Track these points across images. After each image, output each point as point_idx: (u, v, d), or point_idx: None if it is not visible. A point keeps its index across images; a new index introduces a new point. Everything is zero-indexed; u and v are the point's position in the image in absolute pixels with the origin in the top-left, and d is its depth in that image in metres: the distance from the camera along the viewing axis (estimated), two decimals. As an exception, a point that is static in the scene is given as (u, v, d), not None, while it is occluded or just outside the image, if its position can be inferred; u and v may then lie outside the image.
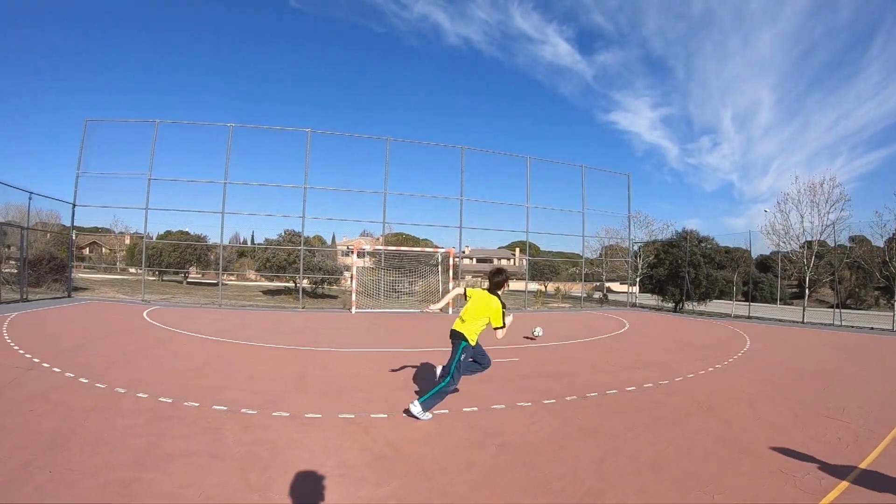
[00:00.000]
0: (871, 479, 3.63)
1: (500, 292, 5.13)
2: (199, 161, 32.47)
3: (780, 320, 20.86)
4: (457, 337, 4.96)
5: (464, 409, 5.16)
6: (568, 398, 5.84)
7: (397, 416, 4.83)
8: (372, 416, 4.80)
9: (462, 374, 4.97)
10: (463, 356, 4.90)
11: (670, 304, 25.43)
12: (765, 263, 39.74)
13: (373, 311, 18.27)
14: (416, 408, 4.72)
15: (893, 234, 19.55)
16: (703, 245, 25.65)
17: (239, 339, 9.49)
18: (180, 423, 4.26)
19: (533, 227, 23.38)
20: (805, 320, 19.68)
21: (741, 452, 4.14)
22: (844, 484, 3.54)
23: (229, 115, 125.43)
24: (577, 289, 38.46)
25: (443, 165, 25.28)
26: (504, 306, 5.01)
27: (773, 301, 38.29)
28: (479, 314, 4.94)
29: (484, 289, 5.21)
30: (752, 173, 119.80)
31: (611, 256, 30.62)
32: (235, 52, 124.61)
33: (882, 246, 20.31)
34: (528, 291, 26.87)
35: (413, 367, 7.38)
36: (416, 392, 5.80)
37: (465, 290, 5.28)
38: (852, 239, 24.81)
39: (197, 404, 4.84)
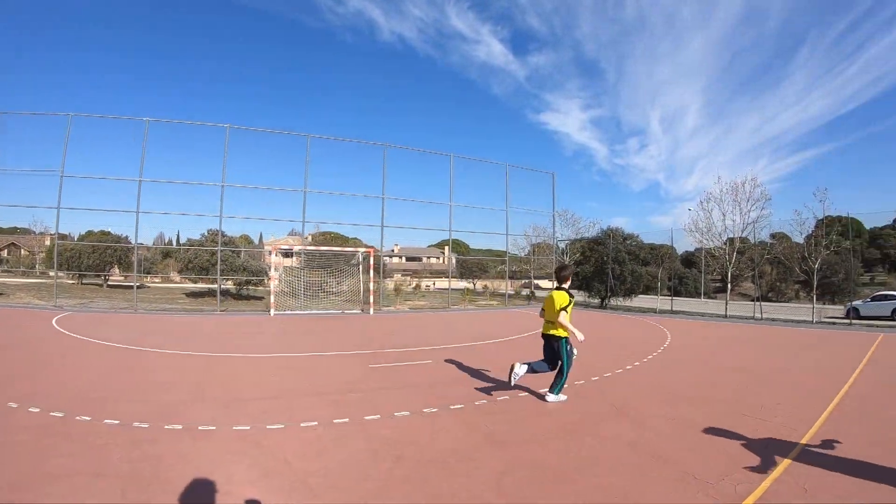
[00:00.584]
0: (791, 485, 3.50)
1: (566, 285, 6.06)
2: (118, 157, 30.86)
3: (703, 314, 21.83)
4: (552, 339, 5.86)
5: (365, 418, 4.99)
6: (478, 402, 5.69)
7: (295, 427, 4.67)
8: (268, 427, 4.63)
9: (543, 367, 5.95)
10: (568, 347, 5.83)
11: (597, 301, 26.20)
12: (689, 259, 42.09)
13: (293, 313, 18.05)
14: (551, 397, 5.86)
15: (812, 232, 20.91)
16: (627, 242, 26.74)
17: (146, 347, 9.16)
18: (68, 440, 4.09)
19: (462, 226, 23.97)
20: (728, 314, 20.61)
21: (653, 459, 3.99)
22: (762, 488, 3.42)
23: (148, 110, 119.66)
24: (507, 286, 40.31)
25: (369, 163, 25.47)
26: (571, 296, 5.87)
27: (698, 295, 40.16)
28: (553, 310, 5.75)
29: (553, 289, 6.13)
30: (677, 173, 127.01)
31: (538, 254, 31.35)
32: (155, 44, 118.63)
33: (801, 242, 22.00)
34: (456, 289, 27.15)
35: (322, 372, 7.33)
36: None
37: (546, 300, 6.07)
38: (773, 236, 26.61)
39: (89, 418, 4.64)
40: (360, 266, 20.81)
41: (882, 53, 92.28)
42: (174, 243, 48.09)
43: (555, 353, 5.87)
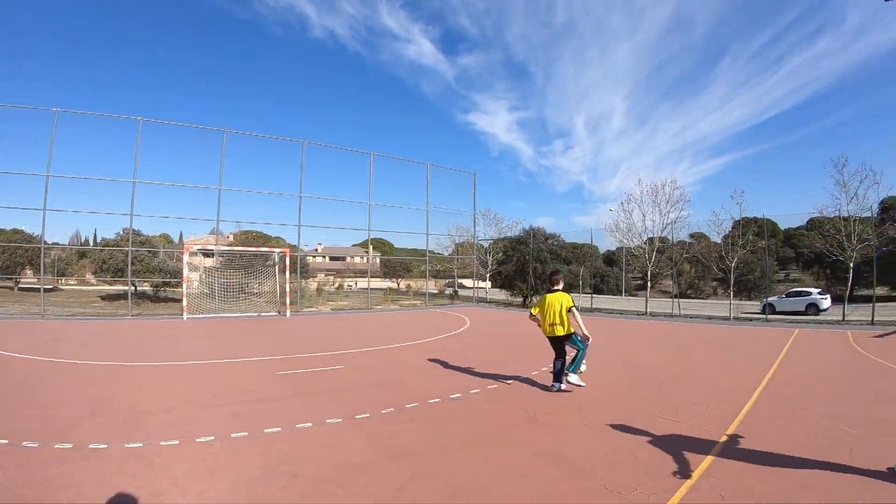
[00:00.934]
0: (707, 493, 3.40)
1: (558, 287, 6.83)
2: (26, 151, 28.76)
3: (624, 312, 22.41)
4: (562, 339, 6.58)
5: (265, 431, 4.73)
6: (384, 411, 5.44)
7: (190, 442, 4.42)
8: (162, 443, 4.38)
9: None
10: (578, 338, 6.59)
11: (519, 300, 26.58)
12: (611, 258, 43.76)
13: (207, 316, 17.47)
14: (573, 377, 6.45)
15: (729, 232, 21.92)
16: (549, 241, 27.40)
17: (50, 357, 8.65)
18: (-46, 464, 3.70)
19: (387, 225, 24.21)
20: (648, 311, 21.25)
21: (565, 469, 3.84)
22: (677, 497, 3.32)
23: (57, 101, 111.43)
24: (428, 286, 40.84)
25: (288, 161, 24.93)
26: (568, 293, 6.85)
27: (620, 292, 42.00)
28: (561, 311, 6.54)
29: (546, 292, 6.89)
30: (601, 175, 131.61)
31: (462, 253, 31.70)
32: (63, 30, 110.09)
33: (719, 242, 22.99)
34: (379, 289, 27.52)
35: (227, 380, 7.10)
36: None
37: (541, 303, 6.82)
38: (692, 236, 27.72)
39: (-23, 439, 4.22)
40: (277, 266, 20.56)
41: (801, 66, 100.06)
42: (91, 243, 45.41)
43: (564, 349, 6.63)
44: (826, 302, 24.59)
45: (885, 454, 4.05)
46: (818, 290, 26.57)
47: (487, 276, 32.40)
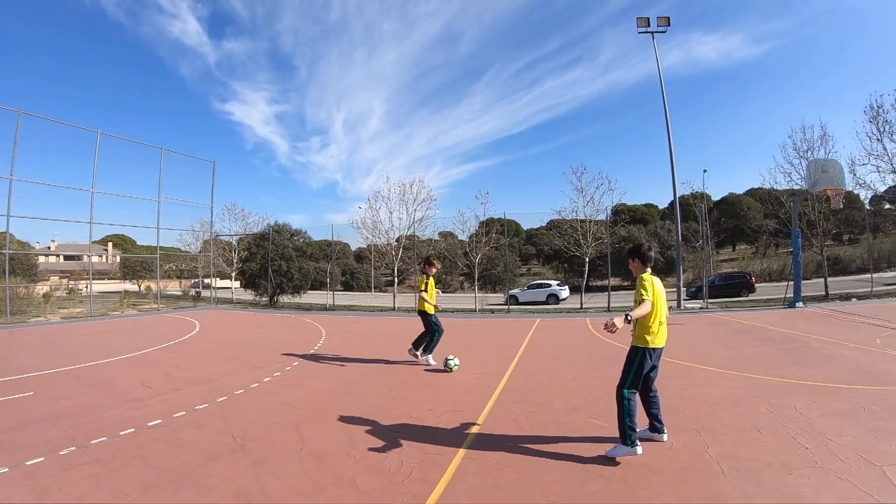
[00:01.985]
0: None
1: (430, 273, 8.30)
2: None
3: (373, 308, 22.34)
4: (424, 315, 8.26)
5: None
6: (64, 452, 4.41)
7: None
8: None
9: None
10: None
11: (266, 299, 25.64)
12: (362, 255, 45.69)
13: None
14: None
15: (475, 231, 23.36)
16: (295, 238, 26.83)
17: None
18: None
19: (127, 219, 21.82)
20: (396, 306, 21.47)
21: None
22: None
23: None
24: (173, 287, 37.80)
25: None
26: (427, 278, 8.23)
27: (370, 289, 42.34)
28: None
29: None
30: (355, 173, 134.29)
31: (207, 251, 29.66)
32: None
33: (465, 239, 24.33)
34: (116, 292, 24.24)
35: None
36: None
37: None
38: (441, 234, 29.66)
39: None
40: None
41: (551, 91, 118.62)
42: None
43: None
44: (564, 292, 27.59)
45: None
46: (557, 282, 29.75)
47: (233, 274, 31.16)
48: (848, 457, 3.85)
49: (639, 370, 4.10)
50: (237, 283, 32.06)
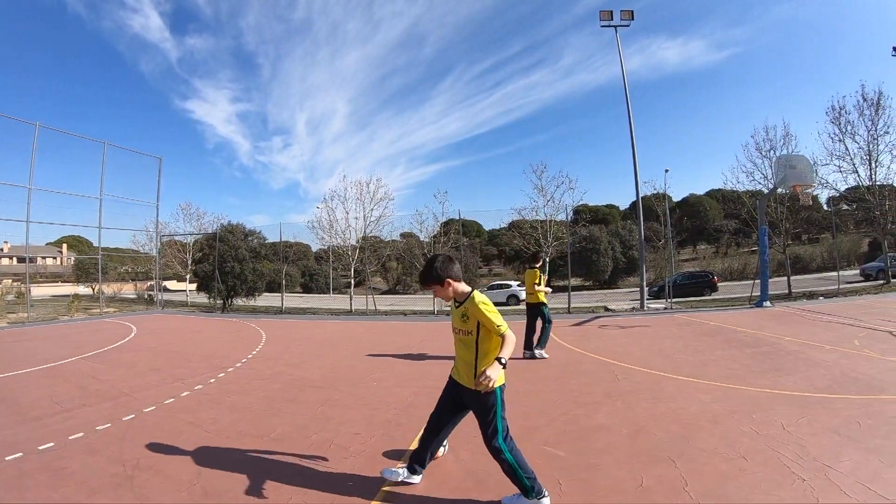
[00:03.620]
0: None
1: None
2: None
3: (328, 311, 21.75)
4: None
5: None
6: None
7: None
8: None
9: None
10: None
11: (220, 302, 24.39)
12: (321, 256, 45.27)
13: None
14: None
15: (436, 231, 22.84)
16: (250, 239, 25.65)
17: None
18: None
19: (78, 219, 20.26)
20: (353, 308, 20.68)
21: None
22: None
23: None
24: (128, 289, 36.16)
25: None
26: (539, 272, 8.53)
27: (329, 291, 42.01)
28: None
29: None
30: (318, 174, 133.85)
31: (163, 253, 28.97)
32: None
33: (426, 240, 23.75)
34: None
35: None
36: None
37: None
38: (402, 235, 28.41)
39: None
40: None
41: (513, 93, 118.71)
42: None
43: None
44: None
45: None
46: (518, 282, 29.44)
47: (187, 277, 30.03)
48: (853, 490, 3.18)
49: (502, 410, 3.22)
50: (193, 286, 30.43)
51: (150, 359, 9.57)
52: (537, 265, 8.81)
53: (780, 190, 17.30)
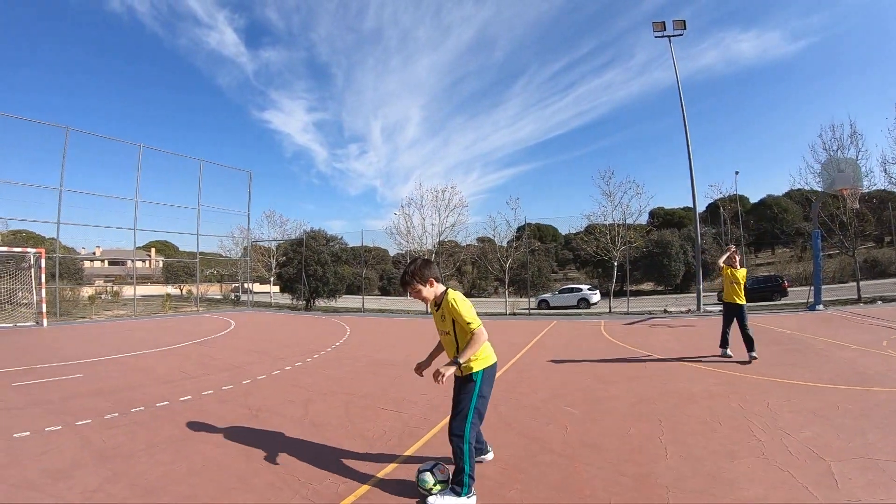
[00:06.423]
0: (395, 482, 3.54)
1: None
2: None
3: (405, 311, 22.46)
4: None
5: None
6: (108, 416, 5.32)
7: None
8: None
9: None
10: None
11: (303, 302, 26.37)
12: (399, 260, 46.76)
13: None
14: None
15: (513, 236, 23.34)
16: (331, 244, 27.38)
17: None
18: None
19: (167, 225, 23.01)
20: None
21: (262, 463, 3.91)
22: (364, 488, 3.42)
23: None
24: (214, 290, 38.31)
25: (50, 150, 21.56)
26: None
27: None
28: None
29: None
30: (394, 180, 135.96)
31: (250, 256, 30.79)
32: None
33: (503, 245, 24.05)
34: (158, 296, 25.68)
35: None
36: None
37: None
38: (480, 239, 29.65)
39: None
40: (33, 270, 18.66)
41: (587, 94, 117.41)
42: None
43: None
44: (596, 296, 27.23)
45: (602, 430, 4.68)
46: (588, 286, 29.40)
47: (271, 279, 32.19)
48: (798, 451, 3.88)
49: (482, 398, 3.31)
50: (276, 288, 33.00)
51: (252, 344, 11.41)
52: (737, 262, 8.27)
53: (830, 191, 16.94)
